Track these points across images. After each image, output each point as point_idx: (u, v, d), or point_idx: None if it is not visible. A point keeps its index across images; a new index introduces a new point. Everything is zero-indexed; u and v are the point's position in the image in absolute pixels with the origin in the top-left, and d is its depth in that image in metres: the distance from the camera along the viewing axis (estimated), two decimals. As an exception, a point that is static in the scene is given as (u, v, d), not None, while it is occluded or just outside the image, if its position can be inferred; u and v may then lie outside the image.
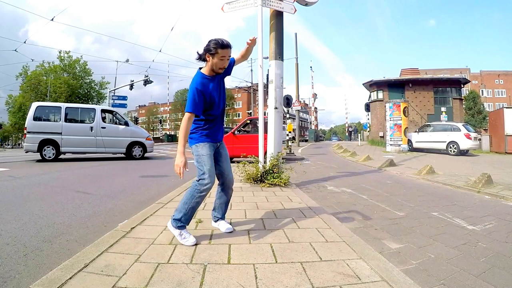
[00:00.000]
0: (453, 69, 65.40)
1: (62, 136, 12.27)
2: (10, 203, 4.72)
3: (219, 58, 2.63)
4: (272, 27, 7.01)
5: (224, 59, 2.66)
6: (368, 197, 5.55)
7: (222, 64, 2.67)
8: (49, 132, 12.17)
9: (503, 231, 3.62)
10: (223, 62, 2.66)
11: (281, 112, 6.86)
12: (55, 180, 7.26)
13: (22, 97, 46.17)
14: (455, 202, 5.26)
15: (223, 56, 2.63)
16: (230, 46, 2.68)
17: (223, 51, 2.62)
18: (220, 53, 2.62)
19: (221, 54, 2.62)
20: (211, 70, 2.74)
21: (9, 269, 2.39)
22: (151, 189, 6.09)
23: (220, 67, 2.69)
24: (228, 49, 2.65)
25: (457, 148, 15.66)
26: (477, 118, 46.11)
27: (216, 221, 3.13)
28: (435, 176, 8.05)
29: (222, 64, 2.67)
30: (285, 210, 4.03)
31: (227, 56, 2.66)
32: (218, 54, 2.62)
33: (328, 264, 2.29)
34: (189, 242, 2.67)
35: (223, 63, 2.67)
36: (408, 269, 2.50)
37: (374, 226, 3.75)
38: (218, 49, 2.61)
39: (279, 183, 5.85)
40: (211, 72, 2.75)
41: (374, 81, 28.92)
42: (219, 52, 2.61)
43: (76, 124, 12.70)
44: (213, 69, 2.72)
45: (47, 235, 3.23)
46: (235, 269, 2.20)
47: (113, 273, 2.09)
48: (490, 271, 2.51)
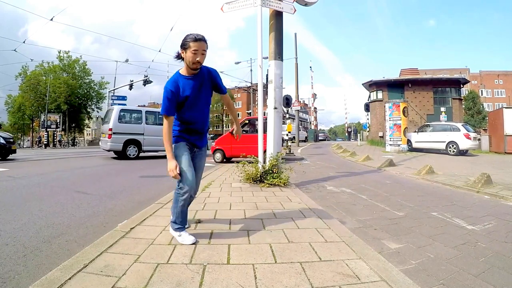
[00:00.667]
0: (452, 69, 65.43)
1: (144, 137, 13.70)
2: (10, 203, 4.71)
3: (191, 51, 2.55)
4: (272, 27, 7.01)
5: (197, 53, 2.55)
6: (368, 197, 5.55)
7: (194, 58, 2.56)
8: (133, 133, 13.53)
9: (502, 231, 3.62)
10: (196, 55, 2.55)
11: (280, 112, 6.86)
12: (54, 180, 7.25)
13: (22, 97, 46.13)
14: (454, 202, 5.26)
15: (195, 49, 2.54)
16: (203, 40, 2.59)
17: (194, 44, 2.55)
18: (192, 46, 2.55)
19: (193, 48, 2.54)
20: (187, 67, 2.66)
21: (8, 270, 2.39)
22: (151, 189, 6.09)
23: (192, 62, 2.58)
24: (199, 42, 2.56)
25: (457, 148, 15.66)
26: (477, 118, 46.18)
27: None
28: (435, 176, 8.05)
29: (194, 58, 2.56)
30: (285, 210, 4.03)
31: (200, 50, 2.56)
32: (190, 48, 2.56)
33: (327, 264, 2.29)
34: (187, 241, 2.68)
35: (196, 56, 2.55)
36: (408, 269, 2.50)
37: (374, 226, 3.75)
38: (189, 43, 2.56)
39: (279, 183, 5.85)
40: (188, 70, 2.68)
41: (373, 81, 28.92)
42: (191, 45, 2.55)
43: (153, 126, 14.01)
44: (188, 65, 2.64)
45: (47, 236, 3.23)
46: (234, 269, 2.20)
47: (113, 273, 2.09)
48: (490, 271, 2.52)
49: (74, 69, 47.57)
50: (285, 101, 16.67)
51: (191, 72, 2.68)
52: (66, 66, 46.96)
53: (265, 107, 6.92)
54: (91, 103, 50.54)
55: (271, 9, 6.91)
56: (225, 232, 3.05)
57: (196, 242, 2.69)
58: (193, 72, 2.68)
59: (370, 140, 29.92)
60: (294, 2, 7.01)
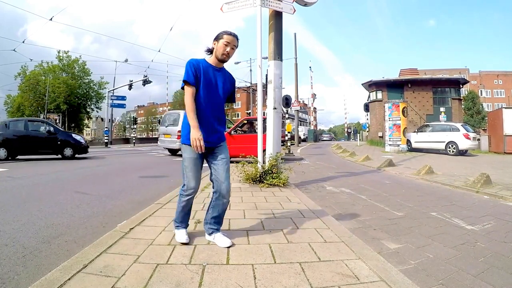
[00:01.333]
0: (452, 69, 65.43)
1: None
2: (9, 204, 4.71)
3: (223, 42, 2.64)
4: (271, 27, 7.01)
5: (228, 45, 2.65)
6: (367, 197, 5.55)
7: (224, 49, 2.64)
8: None
9: (501, 231, 3.63)
10: (226, 47, 2.64)
11: (280, 113, 6.86)
12: (54, 180, 7.25)
13: (21, 97, 46.08)
14: (454, 202, 5.27)
15: (227, 41, 2.64)
16: (236, 37, 2.72)
17: (228, 36, 2.66)
18: (225, 38, 2.65)
19: (226, 39, 2.64)
20: (215, 58, 2.71)
21: (8, 270, 2.39)
22: (150, 190, 6.08)
23: (222, 53, 2.65)
24: (233, 37, 2.68)
25: (456, 148, 15.66)
26: (476, 118, 46.20)
27: (211, 233, 2.82)
28: (434, 176, 8.06)
29: (224, 49, 2.64)
30: (284, 210, 4.04)
31: (231, 43, 2.66)
32: (223, 39, 2.65)
33: (326, 265, 2.29)
34: (179, 239, 2.72)
35: (226, 48, 2.64)
36: (407, 269, 2.50)
37: (373, 226, 3.75)
38: (224, 35, 2.67)
39: (278, 183, 5.85)
40: (215, 61, 2.72)
41: (373, 81, 28.92)
42: (224, 37, 2.65)
43: None
44: (217, 56, 2.69)
45: (46, 236, 3.23)
46: (234, 269, 2.20)
47: (112, 274, 2.09)
48: (489, 271, 2.52)
49: (73, 69, 47.53)
50: (284, 101, 16.66)
51: (217, 63, 2.74)
52: (66, 66, 46.91)
53: (264, 107, 6.92)
54: (91, 103, 50.49)
55: (270, 9, 6.92)
56: (224, 232, 3.04)
57: (189, 243, 2.69)
58: (219, 64, 2.75)
59: (369, 140, 29.93)
60: (294, 2, 7.01)
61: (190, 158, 2.65)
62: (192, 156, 2.64)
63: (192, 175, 2.65)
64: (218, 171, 2.73)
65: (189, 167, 2.65)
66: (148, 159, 14.11)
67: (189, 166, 2.65)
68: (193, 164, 2.65)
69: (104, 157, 14.74)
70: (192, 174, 2.65)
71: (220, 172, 2.73)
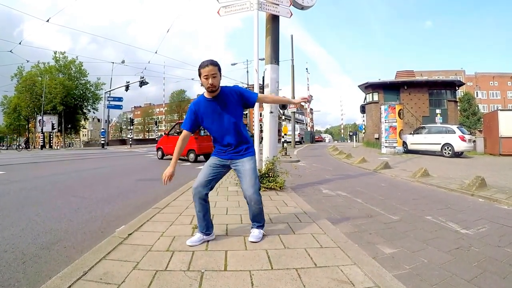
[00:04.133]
0: (448, 71, 65.90)
1: None
2: (7, 208, 4.72)
3: (203, 77, 2.81)
4: (268, 31, 7.05)
5: (208, 77, 2.78)
6: (363, 200, 5.60)
7: (206, 82, 2.80)
8: None
9: (495, 235, 3.68)
10: (207, 80, 2.79)
11: (276, 116, 6.90)
12: (51, 183, 7.25)
13: (17, 98, 45.98)
14: (449, 205, 5.32)
15: (206, 75, 2.78)
16: (212, 64, 2.81)
17: (204, 69, 2.79)
18: (202, 73, 2.80)
19: (203, 74, 2.79)
20: (206, 91, 2.91)
21: (8, 277, 2.41)
22: (147, 193, 6.10)
23: (207, 86, 2.82)
24: (207, 67, 2.78)
25: (452, 150, 15.77)
26: (472, 120, 46.47)
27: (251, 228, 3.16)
28: (430, 178, 8.12)
29: (206, 82, 2.80)
30: (281, 215, 4.07)
31: (210, 74, 2.77)
32: (201, 74, 2.82)
33: (322, 271, 2.33)
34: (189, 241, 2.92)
35: (208, 81, 2.79)
36: (402, 274, 2.55)
37: (369, 231, 3.80)
38: (200, 70, 2.83)
39: (275, 187, 5.88)
40: (207, 93, 2.92)
41: (369, 83, 29.04)
42: (201, 72, 2.82)
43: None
44: (206, 89, 2.89)
45: (45, 242, 3.26)
46: (231, 276, 2.24)
47: (112, 281, 2.12)
48: (482, 275, 2.57)
49: (70, 70, 47.45)
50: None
51: (211, 95, 2.91)
52: (62, 67, 46.84)
53: (261, 108, 6.95)
54: (87, 104, 50.45)
55: (267, 13, 6.96)
56: (222, 238, 3.08)
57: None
58: (212, 94, 2.91)
59: (365, 142, 30.05)
60: (291, 6, 7.05)
61: (206, 164, 3.06)
62: (208, 163, 3.04)
63: (198, 179, 2.96)
64: (242, 181, 2.99)
65: (202, 172, 2.98)
66: (145, 162, 14.13)
67: (202, 172, 2.99)
68: (205, 168, 3.01)
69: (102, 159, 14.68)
70: (198, 178, 2.96)
71: (243, 181, 2.97)
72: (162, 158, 14.94)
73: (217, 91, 2.89)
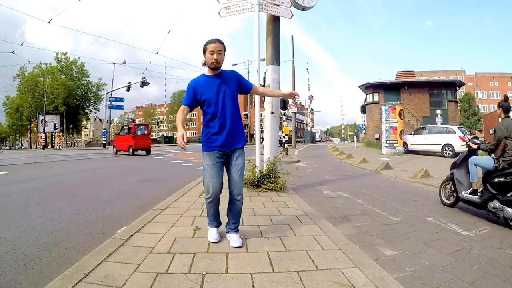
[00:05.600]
0: (448, 71, 65.87)
1: None
2: (9, 209, 4.73)
3: (208, 52, 2.85)
4: (269, 32, 7.05)
5: (214, 53, 2.83)
6: (364, 201, 5.60)
7: (211, 58, 2.84)
8: None
9: (496, 237, 3.68)
10: (212, 55, 2.83)
11: (277, 117, 6.90)
12: (52, 184, 7.26)
13: (20, 98, 46.12)
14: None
15: (211, 50, 2.83)
16: (218, 41, 2.88)
17: (210, 45, 2.85)
18: (208, 48, 2.85)
19: (209, 49, 2.84)
20: (208, 68, 2.94)
21: (10, 279, 2.41)
22: (148, 194, 6.10)
23: (211, 61, 2.85)
24: (214, 43, 2.85)
25: (452, 151, 15.74)
26: (472, 120, 46.45)
27: (227, 232, 3.08)
28: (430, 179, 8.12)
29: (211, 58, 2.84)
30: (282, 216, 4.07)
31: (216, 50, 2.83)
32: (207, 50, 2.86)
33: (324, 273, 2.33)
34: (209, 238, 3.04)
35: (212, 56, 2.83)
36: (403, 277, 2.54)
37: (370, 232, 3.79)
38: (206, 45, 2.88)
39: (276, 187, 5.88)
40: (209, 71, 2.96)
41: (370, 83, 29.01)
42: (207, 47, 2.87)
43: None
44: (208, 66, 2.92)
45: (46, 243, 3.26)
46: (233, 278, 2.23)
47: (113, 283, 2.12)
48: (483, 278, 2.56)
49: (71, 70, 47.57)
50: (282, 103, 16.71)
51: (213, 72, 2.95)
52: (64, 67, 46.96)
53: (261, 108, 6.95)
54: (89, 104, 50.57)
55: (268, 14, 6.96)
56: (222, 240, 3.07)
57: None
58: (214, 72, 2.95)
59: (366, 142, 30.02)
60: (292, 7, 7.05)
61: (208, 165, 2.90)
62: (210, 163, 2.89)
63: (210, 180, 2.86)
64: (231, 175, 2.97)
65: (207, 173, 2.88)
66: (146, 162, 14.12)
67: (208, 172, 2.88)
68: (211, 169, 2.88)
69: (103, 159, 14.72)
70: (211, 179, 2.85)
71: (233, 176, 2.96)
72: (116, 154, 19.79)
73: (219, 69, 2.95)
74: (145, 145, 19.42)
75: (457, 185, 5.13)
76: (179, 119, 2.89)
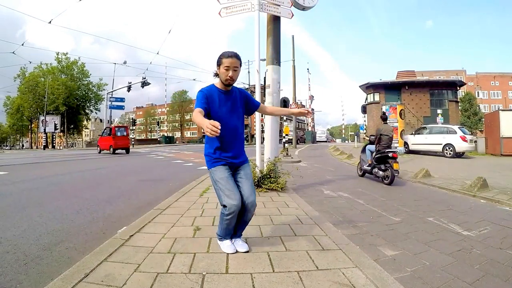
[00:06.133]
0: (449, 71, 65.82)
1: None
2: (10, 209, 4.74)
3: (223, 67, 2.65)
4: (269, 32, 7.05)
5: (229, 69, 2.64)
6: (365, 201, 5.59)
7: (226, 74, 2.65)
8: None
9: (497, 237, 3.67)
10: (228, 72, 2.65)
11: (277, 117, 6.90)
12: (53, 184, 7.27)
13: (20, 98, 46.16)
14: (450, 206, 5.31)
15: (227, 66, 2.63)
16: (235, 56, 2.68)
17: (227, 60, 2.64)
18: (224, 63, 2.64)
19: (225, 64, 2.64)
20: (221, 83, 2.74)
21: (10, 279, 2.42)
22: (149, 194, 6.10)
23: (225, 78, 2.67)
24: (231, 58, 2.65)
25: (453, 151, 15.73)
26: (473, 120, 46.37)
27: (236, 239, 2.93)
28: (431, 179, 8.11)
29: (226, 74, 2.65)
30: (282, 216, 4.07)
31: (232, 66, 2.65)
32: (223, 64, 2.65)
33: (324, 273, 2.33)
34: (226, 250, 2.77)
35: (228, 73, 2.65)
36: (403, 277, 2.54)
37: (370, 232, 3.79)
38: (222, 59, 2.67)
39: (276, 187, 5.88)
40: (221, 85, 2.75)
41: (370, 83, 29.07)
42: (223, 61, 2.65)
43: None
44: (222, 81, 2.72)
45: (47, 243, 3.26)
46: (233, 278, 2.24)
47: (113, 283, 2.12)
48: (484, 278, 2.56)
49: (72, 70, 47.60)
50: (282, 103, 16.70)
51: (224, 87, 2.76)
52: (65, 67, 46.99)
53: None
54: (90, 104, 50.60)
55: (268, 14, 6.96)
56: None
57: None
58: (226, 88, 2.76)
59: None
60: (292, 7, 7.05)
61: (221, 178, 2.66)
62: (223, 175, 2.67)
63: (230, 193, 2.61)
64: (243, 187, 2.76)
65: (224, 186, 2.64)
66: (147, 162, 14.14)
67: (223, 185, 2.64)
68: (226, 182, 2.65)
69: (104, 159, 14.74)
70: (230, 192, 2.61)
71: (245, 187, 2.76)
72: (100, 153, 21.86)
73: (230, 87, 2.79)
74: (124, 145, 21.56)
75: (361, 162, 9.10)
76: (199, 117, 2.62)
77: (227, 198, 2.59)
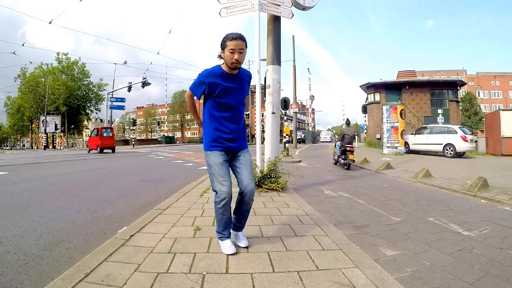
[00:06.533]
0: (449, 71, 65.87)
1: None
2: (10, 209, 4.74)
3: (228, 50, 2.56)
4: (270, 32, 7.05)
5: (235, 52, 2.55)
6: (365, 201, 5.59)
7: (231, 57, 2.56)
8: None
9: (498, 237, 3.67)
10: (233, 54, 2.56)
11: (278, 117, 6.90)
12: (54, 184, 7.28)
13: (21, 98, 46.25)
14: (451, 206, 5.31)
15: (231, 48, 2.55)
16: (240, 38, 2.59)
17: (231, 42, 2.56)
18: (229, 45, 2.56)
19: (230, 47, 2.56)
20: (226, 65, 2.66)
21: (11, 279, 2.42)
22: (149, 194, 6.11)
23: (231, 61, 2.58)
24: (236, 40, 2.56)
25: (454, 151, 15.72)
26: (474, 120, 46.38)
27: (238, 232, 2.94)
28: (432, 179, 8.10)
29: (231, 57, 2.56)
30: (282, 216, 4.07)
31: (237, 48, 2.56)
32: (227, 47, 2.57)
33: (324, 273, 2.33)
34: (225, 250, 2.71)
35: (233, 56, 2.56)
36: (404, 277, 2.54)
37: (371, 232, 3.79)
38: (226, 42, 2.59)
39: (277, 187, 5.88)
40: (227, 68, 2.67)
41: (371, 83, 29.03)
42: (227, 44, 2.57)
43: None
44: (227, 64, 2.64)
45: (47, 243, 3.26)
46: (233, 278, 2.24)
47: (113, 283, 2.12)
48: (484, 278, 2.56)
49: (73, 71, 47.68)
50: (283, 103, 16.74)
51: (230, 70, 2.68)
52: (65, 68, 47.06)
53: (262, 108, 6.95)
54: (90, 104, 50.70)
55: (269, 14, 6.96)
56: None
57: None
58: (232, 71, 2.68)
59: (367, 142, 30.02)
60: (292, 7, 7.05)
61: (216, 164, 2.66)
62: (218, 161, 2.66)
63: (222, 179, 2.61)
64: (242, 174, 2.75)
65: (217, 172, 2.63)
66: (147, 162, 14.15)
67: (216, 171, 2.64)
68: (220, 168, 2.64)
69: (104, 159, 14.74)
70: (222, 178, 2.61)
71: (244, 172, 2.75)
72: (89, 152, 24.11)
73: (237, 70, 2.71)
74: (110, 144, 23.78)
75: (334, 155, 12.51)
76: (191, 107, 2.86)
77: (219, 184, 2.60)
